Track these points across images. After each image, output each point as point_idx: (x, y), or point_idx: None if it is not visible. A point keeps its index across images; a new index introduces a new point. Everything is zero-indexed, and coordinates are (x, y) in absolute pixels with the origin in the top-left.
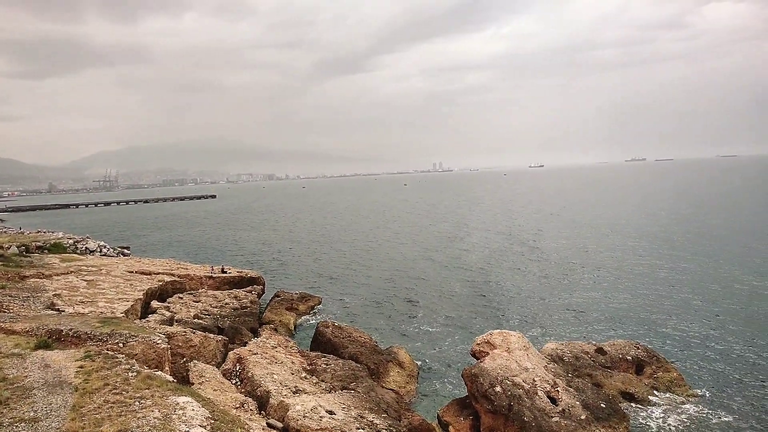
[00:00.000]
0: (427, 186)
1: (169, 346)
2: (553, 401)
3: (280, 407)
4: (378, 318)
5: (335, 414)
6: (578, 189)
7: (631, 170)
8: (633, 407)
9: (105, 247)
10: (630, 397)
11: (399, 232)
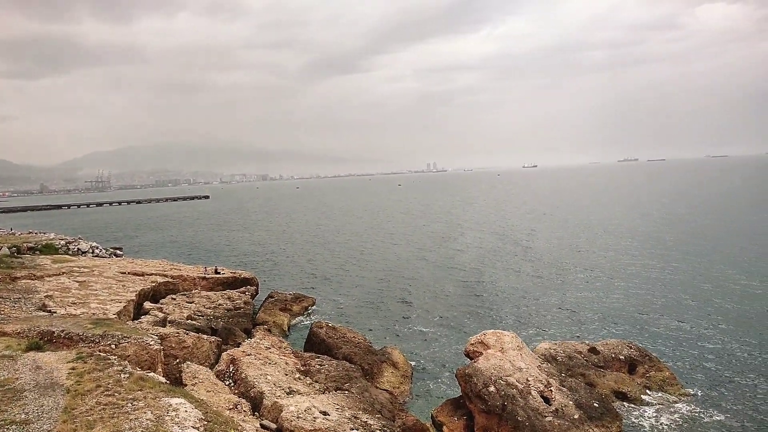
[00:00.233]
0: (422, 186)
1: (162, 348)
2: (547, 401)
3: (274, 408)
4: (372, 318)
5: (329, 415)
6: (571, 189)
7: (624, 170)
8: (626, 406)
9: (97, 248)
10: (623, 397)
11: (393, 233)
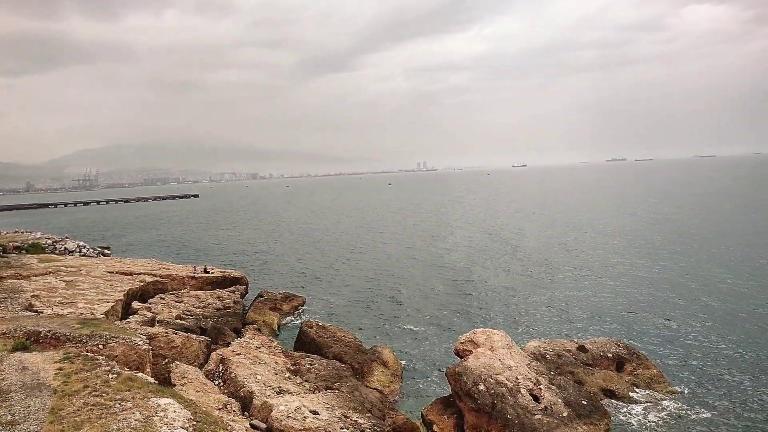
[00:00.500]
0: (412, 185)
1: (151, 348)
2: (536, 399)
3: (264, 408)
4: (362, 317)
5: (319, 414)
6: (560, 188)
7: (612, 170)
8: (614, 404)
9: (84, 248)
10: (611, 394)
11: (383, 232)
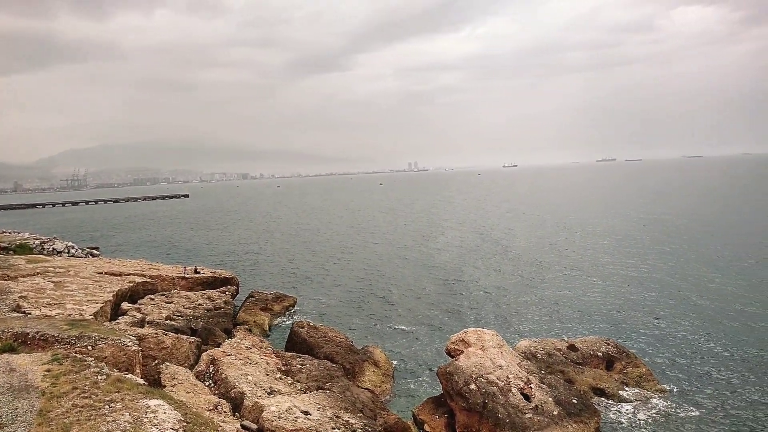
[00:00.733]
0: (403, 185)
1: (140, 349)
2: (527, 398)
3: (255, 408)
4: (353, 317)
5: (310, 414)
6: (551, 188)
7: (602, 170)
8: (604, 402)
9: (73, 248)
10: (601, 393)
11: (374, 232)
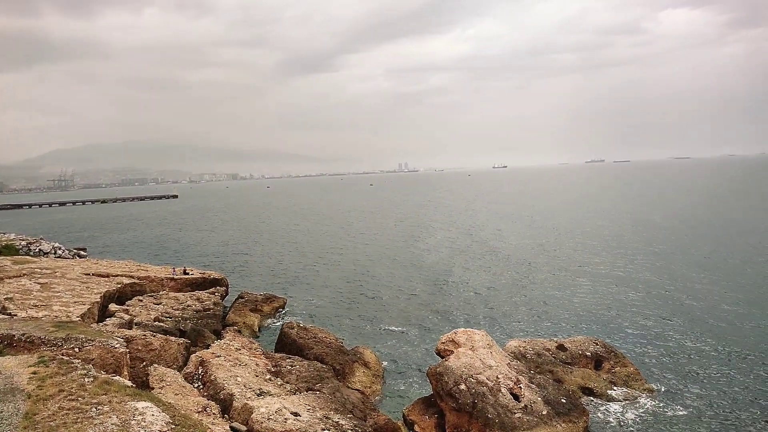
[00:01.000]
0: (393, 186)
1: (128, 350)
2: (516, 398)
3: (244, 410)
4: (343, 318)
5: (300, 415)
6: (540, 189)
7: (591, 171)
8: (592, 402)
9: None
10: (589, 392)
11: (364, 232)
